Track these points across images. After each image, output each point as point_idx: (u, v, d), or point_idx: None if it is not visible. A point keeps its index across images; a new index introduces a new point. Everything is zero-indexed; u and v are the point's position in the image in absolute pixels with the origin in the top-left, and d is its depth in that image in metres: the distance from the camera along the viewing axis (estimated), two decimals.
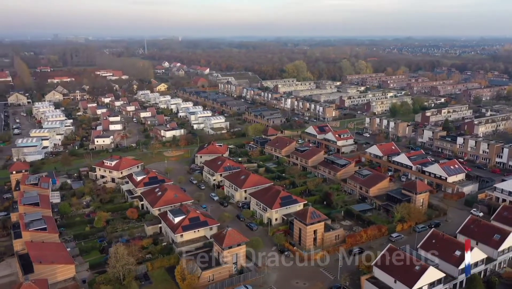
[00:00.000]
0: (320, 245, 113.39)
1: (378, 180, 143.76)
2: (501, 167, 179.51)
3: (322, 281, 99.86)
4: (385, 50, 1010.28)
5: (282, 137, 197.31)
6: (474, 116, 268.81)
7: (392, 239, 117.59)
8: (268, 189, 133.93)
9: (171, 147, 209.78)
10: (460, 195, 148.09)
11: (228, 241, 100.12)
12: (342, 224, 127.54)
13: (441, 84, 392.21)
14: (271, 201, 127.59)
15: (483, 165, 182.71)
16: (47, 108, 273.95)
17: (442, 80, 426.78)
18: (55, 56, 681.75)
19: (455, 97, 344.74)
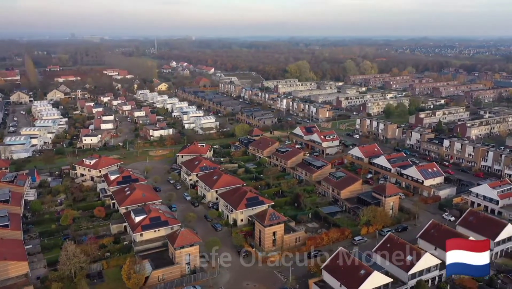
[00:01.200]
0: (279, 246, 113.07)
1: (350, 182, 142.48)
2: (486, 170, 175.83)
3: (274, 283, 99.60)
4: (397, 50, 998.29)
5: (266, 138, 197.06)
6: (471, 118, 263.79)
7: (354, 242, 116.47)
8: (236, 190, 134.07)
9: (157, 146, 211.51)
10: (435, 199, 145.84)
11: (180, 241, 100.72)
12: (308, 226, 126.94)
13: (444, 85, 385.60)
14: (237, 201, 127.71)
15: (467, 168, 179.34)
16: (43, 107, 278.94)
17: (447, 81, 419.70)
18: (65, 56, 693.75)
19: (456, 99, 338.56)
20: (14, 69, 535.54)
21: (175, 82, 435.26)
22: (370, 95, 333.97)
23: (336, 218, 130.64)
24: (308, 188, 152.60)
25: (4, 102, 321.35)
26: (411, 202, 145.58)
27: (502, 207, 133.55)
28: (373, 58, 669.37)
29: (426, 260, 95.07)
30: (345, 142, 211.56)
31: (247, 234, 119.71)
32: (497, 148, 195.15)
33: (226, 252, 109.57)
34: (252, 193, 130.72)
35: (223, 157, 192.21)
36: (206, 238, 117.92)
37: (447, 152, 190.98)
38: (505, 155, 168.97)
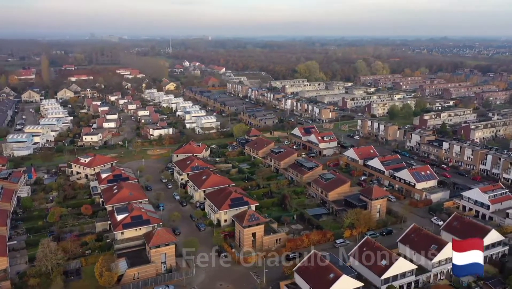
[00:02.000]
0: (259, 247, 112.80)
1: (338, 184, 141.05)
2: (485, 174, 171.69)
3: (248, 285, 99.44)
4: (413, 50, 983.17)
5: (261, 139, 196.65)
6: (479, 120, 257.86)
7: (336, 245, 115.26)
8: (222, 190, 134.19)
9: (156, 145, 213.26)
10: (427, 202, 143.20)
11: (155, 240, 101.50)
12: (292, 228, 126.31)
13: (455, 86, 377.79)
14: (221, 202, 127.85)
15: (466, 171, 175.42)
16: (50, 106, 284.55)
17: (459, 82, 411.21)
18: (81, 55, 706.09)
19: (466, 100, 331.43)
20: (31, 68, 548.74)
21: (184, 82, 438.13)
22: (377, 96, 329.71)
23: (322, 220, 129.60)
24: (298, 189, 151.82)
25: (15, 101, 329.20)
26: (402, 205, 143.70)
27: (494, 212, 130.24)
28: (387, 59, 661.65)
29: (400, 265, 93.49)
30: (343, 144, 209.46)
31: (229, 235, 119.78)
32: (501, 151, 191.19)
33: (204, 252, 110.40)
34: (237, 194, 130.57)
35: (219, 156, 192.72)
36: (189, 237, 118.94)
37: (446, 154, 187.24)
38: (504, 158, 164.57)
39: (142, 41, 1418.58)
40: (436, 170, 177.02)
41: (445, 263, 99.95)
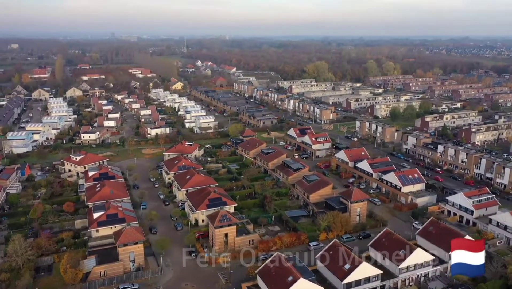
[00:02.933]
0: (232, 248, 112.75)
1: (320, 186, 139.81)
2: (479, 178, 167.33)
3: (213, 285, 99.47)
4: (432, 51, 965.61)
5: (254, 139, 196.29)
6: (484, 123, 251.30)
7: (309, 248, 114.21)
8: (202, 190, 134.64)
9: (152, 144, 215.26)
10: (412, 206, 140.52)
11: (123, 239, 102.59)
12: (269, 229, 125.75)
13: (465, 88, 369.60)
14: (199, 201, 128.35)
15: (460, 175, 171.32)
16: (56, 104, 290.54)
17: (472, 83, 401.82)
18: (96, 55, 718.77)
19: (475, 102, 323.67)
20: (47, 67, 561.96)
21: (192, 81, 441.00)
22: (382, 98, 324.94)
23: (300, 222, 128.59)
24: (283, 190, 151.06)
25: (25, 99, 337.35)
26: (387, 209, 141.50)
27: (477, 218, 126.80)
28: (402, 59, 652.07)
29: (364, 270, 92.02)
30: (338, 145, 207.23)
31: (204, 235, 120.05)
32: (501, 155, 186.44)
33: (176, 252, 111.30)
34: (216, 194, 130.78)
35: (211, 156, 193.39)
36: (164, 236, 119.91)
37: (441, 157, 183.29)
38: (497, 162, 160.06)
39: (159, 41, 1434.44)
40: (430, 173, 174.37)
41: (414, 268, 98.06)
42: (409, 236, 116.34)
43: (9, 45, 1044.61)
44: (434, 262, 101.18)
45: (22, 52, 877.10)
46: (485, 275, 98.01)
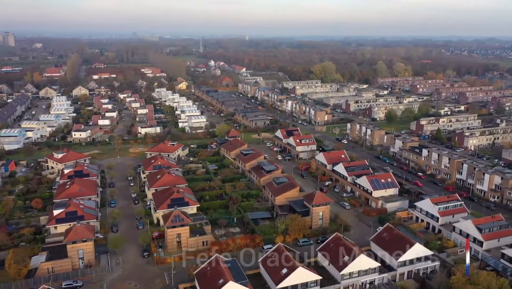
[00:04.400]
0: (185, 249, 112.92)
1: (287, 189, 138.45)
2: (461, 184, 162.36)
3: (155, 285, 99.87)
4: (453, 52, 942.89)
5: (236, 140, 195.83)
6: (483, 126, 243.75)
7: (263, 250, 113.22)
8: (168, 190, 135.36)
9: (142, 143, 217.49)
10: (381, 211, 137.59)
11: (71, 236, 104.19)
12: (229, 231, 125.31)
13: (473, 90, 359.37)
14: (161, 201, 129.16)
15: (441, 180, 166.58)
16: (57, 102, 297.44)
17: (483, 85, 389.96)
18: (112, 54, 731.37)
19: (478, 105, 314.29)
20: (63, 66, 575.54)
21: (198, 81, 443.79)
22: (383, 99, 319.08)
23: (261, 225, 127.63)
24: (253, 192, 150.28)
25: (31, 97, 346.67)
26: (355, 213, 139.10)
27: (443, 225, 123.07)
28: (417, 60, 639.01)
29: (301, 275, 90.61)
30: (324, 147, 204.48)
31: (161, 235, 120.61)
32: (492, 161, 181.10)
33: (131, 251, 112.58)
34: (179, 194, 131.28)
35: (194, 156, 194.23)
36: (126, 234, 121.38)
37: (425, 162, 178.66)
38: (478, 168, 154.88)
39: (180, 40, 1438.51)
40: (411, 177, 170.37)
41: (358, 275, 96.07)
42: (369, 242, 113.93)
43: (34, 44, 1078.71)
44: (381, 269, 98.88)
45: (44, 51, 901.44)
46: (431, 284, 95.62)
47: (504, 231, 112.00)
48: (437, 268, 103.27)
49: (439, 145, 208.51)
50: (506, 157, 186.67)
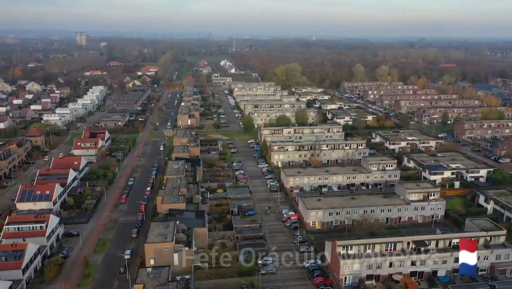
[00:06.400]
0: None
1: None
2: None
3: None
4: (496, 54, 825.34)
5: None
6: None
7: None
8: None
9: None
10: None
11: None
12: None
13: (410, 99, 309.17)
14: None
15: None
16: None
17: (455, 93, 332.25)
18: (135, 53, 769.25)
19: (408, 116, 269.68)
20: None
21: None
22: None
23: None
24: None
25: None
26: None
27: None
28: (439, 64, 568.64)
29: None
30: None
31: None
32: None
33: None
34: None
35: None
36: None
37: None
38: None
39: (249, 40, 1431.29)
40: None
41: None
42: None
43: (100, 44, 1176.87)
44: None
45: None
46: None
47: None
48: None
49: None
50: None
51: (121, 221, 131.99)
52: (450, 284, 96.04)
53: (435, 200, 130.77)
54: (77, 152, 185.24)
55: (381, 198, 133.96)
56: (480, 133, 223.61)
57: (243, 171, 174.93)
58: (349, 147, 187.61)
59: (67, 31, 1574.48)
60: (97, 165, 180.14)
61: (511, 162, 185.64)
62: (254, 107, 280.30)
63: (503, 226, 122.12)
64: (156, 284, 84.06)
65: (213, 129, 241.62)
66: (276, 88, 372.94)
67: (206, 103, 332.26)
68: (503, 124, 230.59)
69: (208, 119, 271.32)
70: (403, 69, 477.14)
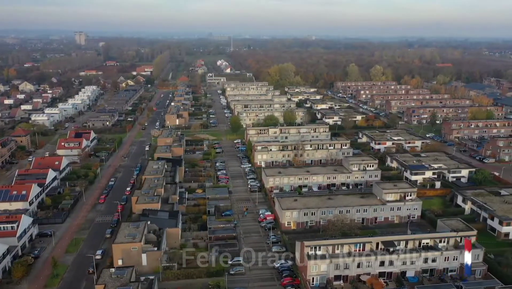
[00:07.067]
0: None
1: None
2: None
3: None
4: (495, 53, 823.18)
5: None
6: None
7: None
8: None
9: None
10: None
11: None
12: None
13: (402, 99, 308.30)
14: None
15: None
16: None
17: (447, 93, 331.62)
18: (133, 52, 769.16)
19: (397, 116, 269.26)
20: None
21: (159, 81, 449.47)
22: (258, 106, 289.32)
23: None
24: None
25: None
26: None
27: None
28: (435, 64, 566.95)
29: None
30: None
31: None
32: None
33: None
34: None
35: None
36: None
37: None
38: None
39: (248, 40, 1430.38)
40: None
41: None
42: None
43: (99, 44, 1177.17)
44: None
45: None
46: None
47: None
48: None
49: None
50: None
51: (97, 221, 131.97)
52: (418, 285, 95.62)
53: (411, 200, 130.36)
54: (61, 152, 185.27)
55: (358, 198, 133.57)
56: (467, 133, 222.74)
57: (226, 171, 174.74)
58: (333, 147, 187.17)
59: (68, 31, 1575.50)
60: (80, 165, 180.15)
61: (495, 162, 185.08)
62: (244, 107, 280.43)
63: (479, 226, 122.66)
64: (118, 285, 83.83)
65: (201, 129, 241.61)
66: (268, 88, 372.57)
67: (198, 103, 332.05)
68: (491, 124, 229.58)
69: (198, 119, 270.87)
70: (397, 69, 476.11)
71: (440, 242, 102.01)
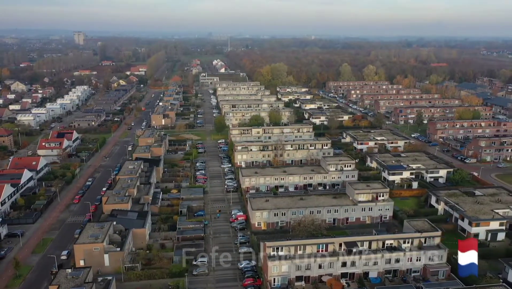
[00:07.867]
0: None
1: None
2: None
3: None
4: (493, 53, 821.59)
5: None
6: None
7: None
8: None
9: None
10: None
11: None
12: None
13: (391, 98, 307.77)
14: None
15: None
16: None
17: (438, 93, 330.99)
18: (129, 52, 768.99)
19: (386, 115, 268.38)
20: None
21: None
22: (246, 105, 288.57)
23: None
24: None
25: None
26: None
27: None
28: (430, 64, 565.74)
29: None
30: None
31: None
32: None
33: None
34: None
35: None
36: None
37: None
38: None
39: (248, 40, 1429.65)
40: None
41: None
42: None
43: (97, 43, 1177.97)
44: None
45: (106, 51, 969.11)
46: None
47: None
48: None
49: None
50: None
51: (69, 221, 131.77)
52: (379, 286, 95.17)
53: (383, 200, 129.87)
54: (42, 152, 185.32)
55: (330, 198, 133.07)
56: (452, 133, 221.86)
57: (205, 171, 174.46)
58: (313, 147, 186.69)
59: (68, 31, 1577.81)
60: (59, 165, 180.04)
61: (476, 162, 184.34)
62: (232, 107, 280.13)
63: (450, 227, 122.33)
64: (72, 285, 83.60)
65: (185, 129, 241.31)
66: (260, 88, 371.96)
67: (187, 103, 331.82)
68: (476, 124, 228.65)
69: (185, 119, 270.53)
70: (391, 69, 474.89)
71: (404, 242, 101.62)
